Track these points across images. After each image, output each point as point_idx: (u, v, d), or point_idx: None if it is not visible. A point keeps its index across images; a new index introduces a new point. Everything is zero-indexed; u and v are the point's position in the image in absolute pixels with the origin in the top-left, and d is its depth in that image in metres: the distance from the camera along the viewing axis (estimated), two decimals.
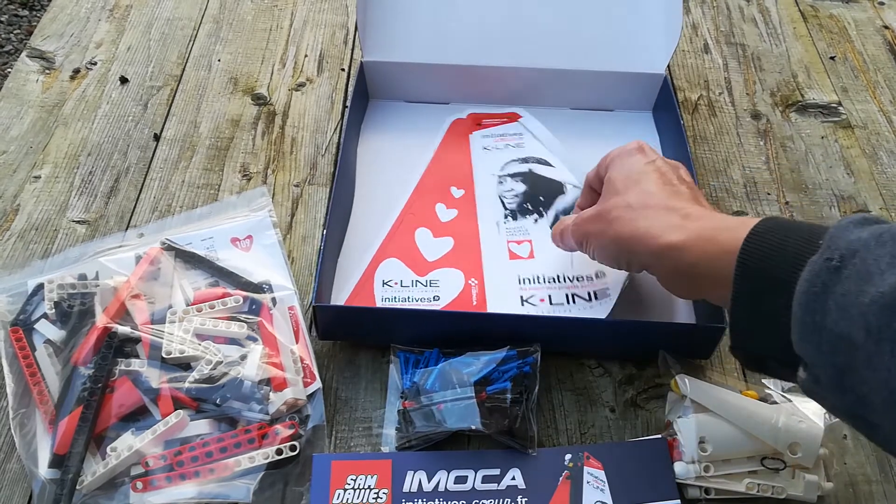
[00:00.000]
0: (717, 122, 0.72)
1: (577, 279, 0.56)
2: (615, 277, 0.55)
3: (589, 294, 0.55)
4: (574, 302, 0.55)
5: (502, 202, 0.62)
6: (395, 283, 0.56)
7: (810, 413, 0.48)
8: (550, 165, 0.64)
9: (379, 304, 0.55)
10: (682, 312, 0.56)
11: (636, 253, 0.45)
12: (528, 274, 0.57)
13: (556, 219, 0.60)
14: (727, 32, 0.81)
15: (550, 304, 0.55)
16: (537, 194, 0.62)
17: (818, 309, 0.33)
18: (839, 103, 0.74)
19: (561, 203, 0.61)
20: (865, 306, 0.31)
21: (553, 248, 0.55)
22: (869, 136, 0.71)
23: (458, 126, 0.69)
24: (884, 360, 0.30)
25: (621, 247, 0.46)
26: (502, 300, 0.55)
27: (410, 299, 0.55)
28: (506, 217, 0.61)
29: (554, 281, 0.56)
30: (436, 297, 0.56)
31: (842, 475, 0.49)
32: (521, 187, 0.63)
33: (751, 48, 0.79)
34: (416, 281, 0.57)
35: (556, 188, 0.63)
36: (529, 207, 0.61)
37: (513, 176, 0.63)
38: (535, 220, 0.60)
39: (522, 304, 0.55)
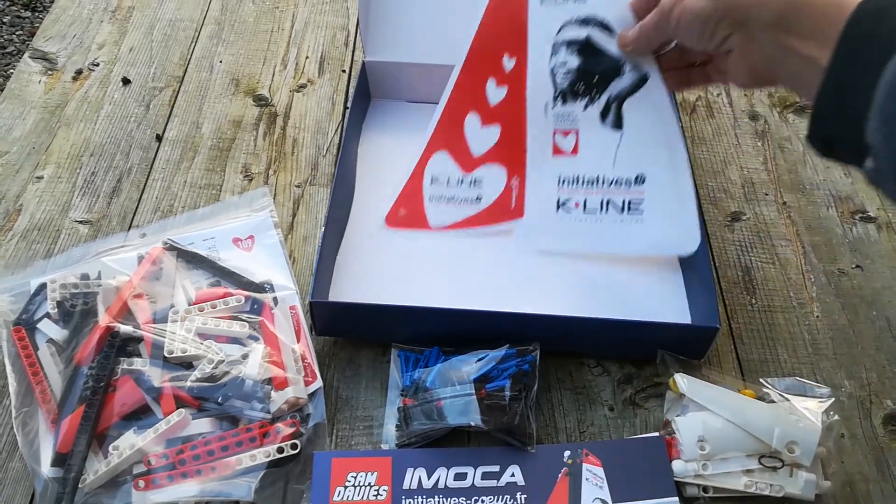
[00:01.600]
0: (716, 122, 0.73)
1: (616, 183, 0.56)
2: (651, 188, 0.55)
3: (623, 203, 0.56)
4: (607, 210, 0.56)
5: (553, 78, 0.58)
6: (443, 182, 0.60)
7: (808, 412, 0.49)
8: (611, 31, 0.55)
9: (426, 202, 0.59)
10: (678, 314, 0.56)
11: (750, 5, 0.42)
12: (569, 174, 0.57)
13: (607, 106, 0.56)
14: None
15: (584, 210, 0.57)
16: (592, 72, 0.56)
17: None
18: None
19: (615, 87, 0.56)
20: None
21: (597, 143, 0.56)
22: None
23: None
24: None
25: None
26: (540, 204, 0.57)
27: (455, 199, 0.59)
28: (555, 98, 0.58)
29: (593, 184, 0.57)
30: (478, 198, 0.59)
31: (839, 474, 0.50)
32: (574, 61, 0.57)
33: None
34: (461, 179, 0.60)
35: (613, 68, 0.55)
36: (581, 89, 0.57)
37: (568, 45, 0.57)
38: (585, 107, 0.57)
39: (557, 210, 0.57)
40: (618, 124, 0.56)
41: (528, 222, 0.56)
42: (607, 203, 0.55)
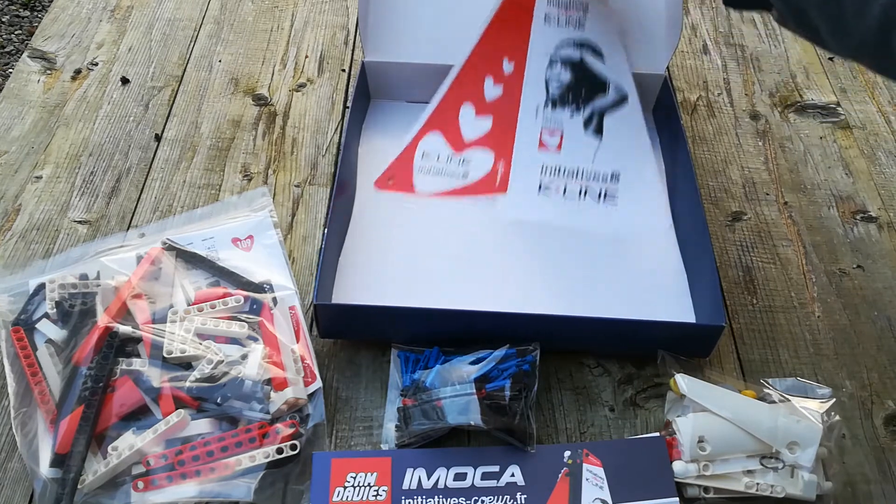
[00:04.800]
0: (716, 122, 0.72)
1: (594, 177, 0.63)
2: (625, 185, 0.62)
3: (600, 192, 0.62)
4: (584, 198, 0.62)
5: (547, 86, 0.65)
6: (433, 157, 0.64)
7: (809, 413, 0.49)
8: (602, 56, 0.64)
9: (415, 173, 0.63)
10: (682, 312, 0.56)
11: None
12: (552, 164, 0.63)
13: (591, 116, 0.64)
14: (726, 33, 0.81)
15: (564, 195, 0.62)
16: (580, 87, 0.64)
17: None
18: (838, 104, 0.74)
19: (600, 102, 0.64)
20: None
21: (579, 144, 0.63)
22: (867, 137, 0.71)
23: None
24: None
25: None
26: (524, 183, 0.62)
27: (444, 172, 0.63)
28: (546, 103, 0.64)
29: (573, 175, 0.63)
30: (465, 175, 0.63)
31: (840, 474, 0.49)
32: (567, 76, 0.65)
33: (750, 49, 0.80)
34: (451, 157, 0.64)
35: (599, 86, 0.64)
36: (570, 99, 0.64)
37: (563, 62, 0.65)
38: (571, 115, 0.64)
39: (539, 191, 0.62)
40: (598, 132, 0.64)
41: (511, 197, 0.62)
42: (585, 191, 0.62)
